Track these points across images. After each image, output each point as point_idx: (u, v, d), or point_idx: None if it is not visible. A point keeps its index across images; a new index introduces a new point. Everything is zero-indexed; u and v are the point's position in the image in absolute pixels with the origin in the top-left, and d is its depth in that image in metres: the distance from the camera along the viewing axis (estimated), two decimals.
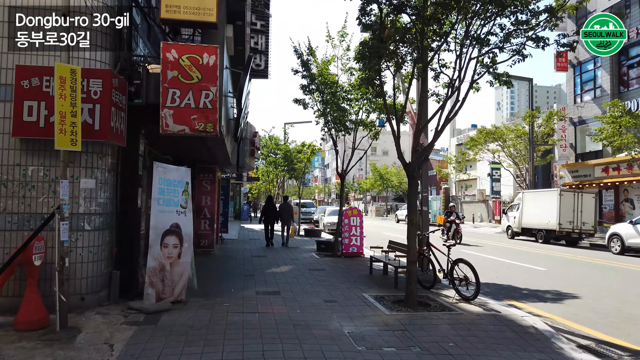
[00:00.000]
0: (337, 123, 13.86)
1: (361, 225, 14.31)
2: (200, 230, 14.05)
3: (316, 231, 22.02)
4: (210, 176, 14.14)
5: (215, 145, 9.63)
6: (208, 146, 9.70)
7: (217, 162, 13.51)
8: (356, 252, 14.12)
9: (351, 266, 12.00)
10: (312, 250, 15.73)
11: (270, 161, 29.60)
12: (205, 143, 9.15)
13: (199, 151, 10.66)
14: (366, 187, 62.09)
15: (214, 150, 10.35)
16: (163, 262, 6.62)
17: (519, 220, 24.13)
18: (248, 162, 14.91)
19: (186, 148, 10.17)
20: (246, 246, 16.81)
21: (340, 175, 14.44)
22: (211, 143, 9.17)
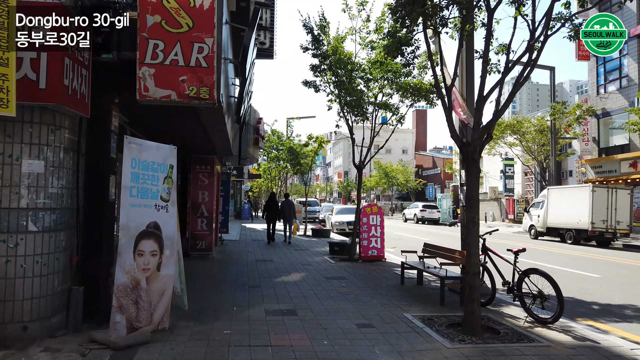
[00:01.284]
0: (353, 107, 11.99)
1: (382, 225, 12.44)
2: (196, 231, 12.18)
3: (324, 231, 20.14)
4: (208, 168, 12.26)
5: (212, 124, 7.75)
6: (204, 125, 7.82)
7: (215, 151, 11.64)
8: (376, 255, 12.24)
9: (374, 273, 10.12)
10: (324, 253, 13.86)
11: (273, 157, 27.78)
12: (199, 119, 7.27)
13: (193, 133, 8.79)
14: (370, 185, 60.13)
15: (212, 132, 8.47)
16: (137, 277, 4.74)
17: (543, 219, 22.25)
18: (251, 153, 13.03)
19: (177, 127, 8.29)
20: (249, 248, 14.93)
21: (358, 167, 12.56)
22: (208, 119, 7.29)
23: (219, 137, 9.19)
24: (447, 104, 6.45)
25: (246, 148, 12.41)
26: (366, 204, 12.59)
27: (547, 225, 22.00)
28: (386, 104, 11.96)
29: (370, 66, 11.91)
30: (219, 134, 8.76)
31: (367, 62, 12.03)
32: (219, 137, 9.19)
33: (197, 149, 11.63)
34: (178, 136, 9.44)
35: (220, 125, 7.85)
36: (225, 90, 7.16)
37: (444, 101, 6.50)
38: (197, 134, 8.97)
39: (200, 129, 8.33)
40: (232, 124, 10.20)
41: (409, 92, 11.70)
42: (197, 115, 7.08)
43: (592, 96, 28.11)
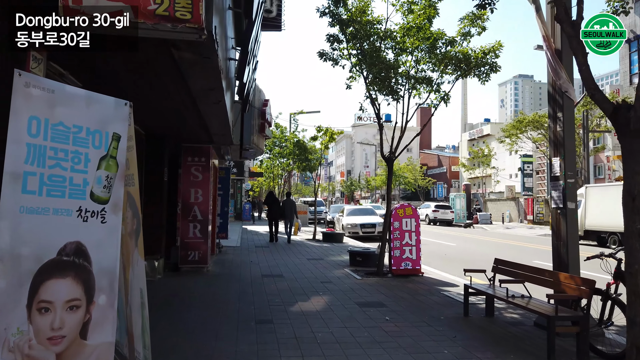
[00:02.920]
0: (382, 82, 9.61)
1: (417, 231, 10.05)
2: (187, 238, 9.79)
3: (336, 235, 17.75)
4: (203, 160, 9.88)
5: (204, 91, 5.37)
6: (192, 94, 5.43)
7: (211, 139, 9.27)
8: (411, 269, 9.86)
9: (419, 296, 7.73)
10: (343, 263, 11.48)
11: (277, 152, 25.40)
12: (184, 81, 4.88)
13: (180, 111, 6.40)
14: (376, 184, 57.73)
15: (205, 106, 6.09)
16: (37, 355, 2.34)
17: (580, 220, 19.84)
18: (256, 142, 10.62)
19: (156, 98, 5.89)
20: (252, 257, 12.55)
21: (388, 159, 10.17)
22: (197, 81, 4.91)
23: (215, 115, 6.81)
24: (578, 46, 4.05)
25: (249, 136, 10.03)
26: (398, 205, 10.20)
27: (585, 228, 19.64)
28: (426, 78, 9.55)
29: (404, 33, 9.54)
30: (215, 109, 6.38)
31: (401, 27, 9.66)
32: (215, 115, 6.81)
33: (188, 137, 9.25)
34: (160, 116, 7.06)
35: (216, 93, 5.47)
36: (222, 41, 4.77)
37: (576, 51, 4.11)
38: (185, 111, 6.58)
39: (189, 101, 5.94)
40: (232, 102, 7.81)
41: (455, 63, 9.32)
42: (181, 74, 4.71)
43: (625, 86, 25.80)
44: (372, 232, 20.18)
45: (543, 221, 34.35)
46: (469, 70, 9.42)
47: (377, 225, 20.25)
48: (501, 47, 9.09)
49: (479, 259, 13.52)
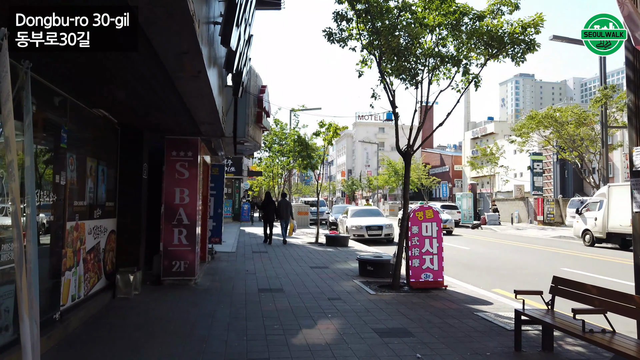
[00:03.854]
0: (399, 61, 8.22)
1: (440, 237, 8.64)
2: (172, 246, 8.39)
3: (341, 239, 16.34)
4: (190, 155, 8.48)
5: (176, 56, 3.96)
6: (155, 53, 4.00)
7: (199, 130, 7.86)
8: (433, 281, 8.46)
9: (450, 319, 6.33)
10: (352, 273, 10.09)
11: (276, 150, 24.00)
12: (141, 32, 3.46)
13: (151, 85, 4.98)
14: (378, 183, 56.27)
15: (179, 78, 4.66)
16: None
17: (602, 222, 18.48)
18: (252, 135, 9.14)
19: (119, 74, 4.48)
20: (248, 265, 11.15)
21: (405, 154, 8.77)
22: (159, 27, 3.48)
23: (197, 96, 5.40)
24: None
25: (244, 127, 8.62)
26: (417, 207, 8.78)
27: (608, 230, 18.24)
28: (453, 56, 8.12)
29: (426, 5, 8.14)
30: (196, 86, 4.97)
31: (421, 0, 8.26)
32: (197, 96, 5.40)
33: (171, 127, 7.84)
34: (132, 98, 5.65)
35: (193, 60, 4.07)
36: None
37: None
38: (160, 91, 5.17)
39: (160, 75, 4.53)
40: (221, 84, 6.41)
41: (485, 41, 7.92)
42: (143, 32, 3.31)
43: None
44: (378, 234, 18.79)
45: (554, 222, 32.96)
46: (501, 50, 8.02)
47: (384, 227, 18.86)
48: (542, 21, 7.68)
49: (503, 267, 12.13)
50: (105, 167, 6.98)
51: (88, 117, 6.22)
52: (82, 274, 6.04)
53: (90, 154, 6.33)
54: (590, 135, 24.59)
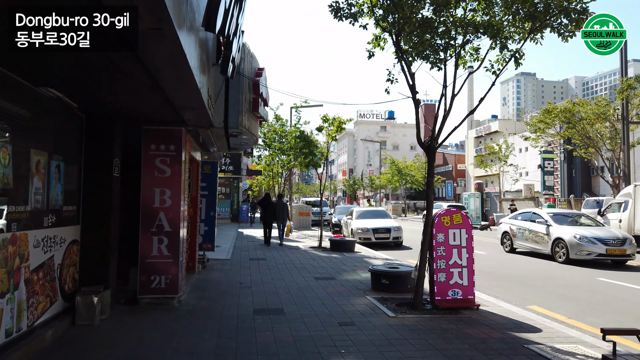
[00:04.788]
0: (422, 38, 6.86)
1: (470, 247, 7.27)
2: (149, 258, 7.01)
3: (347, 244, 14.96)
4: (171, 149, 7.10)
5: None
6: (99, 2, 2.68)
7: (181, 118, 6.48)
8: (462, 299, 7.09)
9: (494, 354, 4.95)
10: (363, 286, 8.72)
11: (277, 147, 22.67)
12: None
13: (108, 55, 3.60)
14: (381, 183, 54.85)
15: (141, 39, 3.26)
16: None
17: (628, 224, 17.14)
18: (247, 126, 7.69)
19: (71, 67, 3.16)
20: (244, 276, 9.78)
21: (428, 148, 7.39)
22: None
23: (170, 66, 4.02)
24: None
25: (237, 115, 7.23)
26: (442, 211, 7.42)
27: (635, 233, 16.88)
28: (492, 26, 6.70)
29: None
30: (166, 54, 3.61)
31: None
32: (170, 66, 4.02)
33: (149, 114, 6.47)
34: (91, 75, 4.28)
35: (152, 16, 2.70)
36: None
37: None
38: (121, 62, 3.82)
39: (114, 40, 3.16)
40: (202, 56, 5.06)
41: (527, 10, 6.53)
42: None
43: None
44: (386, 238, 17.41)
45: None
46: (545, 23, 6.64)
47: (392, 230, 17.48)
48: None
49: (529, 275, 10.73)
50: (63, 163, 5.61)
51: (32, 97, 4.85)
52: (23, 299, 4.67)
53: (37, 146, 4.96)
54: (608, 131, 23.17)
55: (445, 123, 7.34)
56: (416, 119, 7.52)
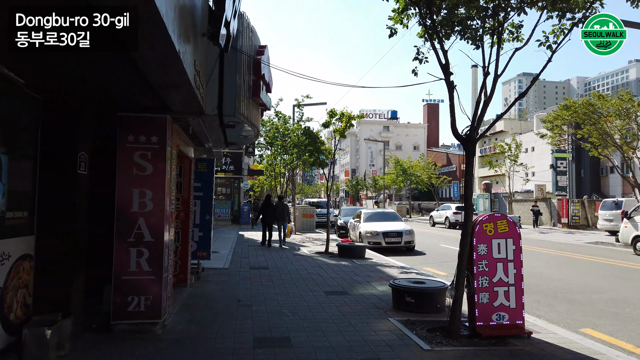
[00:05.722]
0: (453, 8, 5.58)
1: (517, 260, 5.96)
2: (126, 274, 5.71)
3: (357, 249, 13.67)
4: (154, 141, 5.80)
5: None
6: None
7: (164, 102, 5.20)
8: (509, 324, 5.79)
9: None
10: (383, 304, 7.41)
11: (279, 146, 21.41)
12: None
13: None
14: (385, 183, 53.48)
15: None
16: None
17: None
18: (246, 113, 6.31)
19: None
20: (243, 290, 8.49)
21: (467, 139, 6.09)
22: None
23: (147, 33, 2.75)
24: None
25: (234, 100, 5.92)
26: (484, 216, 6.08)
27: None
28: None
29: None
30: None
31: None
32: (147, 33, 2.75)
33: (122, 97, 5.18)
34: None
35: None
36: None
37: None
38: None
39: None
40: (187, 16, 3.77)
41: None
42: None
43: None
44: (398, 242, 16.11)
45: (579, 224, 30.25)
46: None
47: (403, 234, 16.18)
48: None
49: (567, 288, 9.31)
50: (5, 156, 4.32)
51: None
52: None
53: None
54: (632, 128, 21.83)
55: (486, 110, 6.05)
56: (450, 104, 6.22)
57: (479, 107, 5.98)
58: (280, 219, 16.55)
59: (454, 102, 6.20)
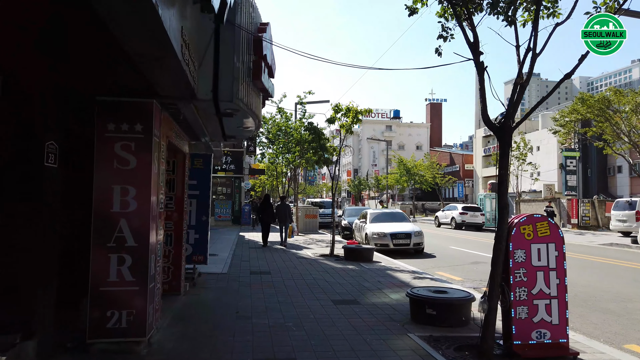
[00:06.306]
0: None
1: (560, 269, 5.13)
2: (105, 285, 4.88)
3: (364, 252, 12.82)
4: (138, 129, 4.98)
5: None
6: None
7: (148, 83, 4.39)
8: (551, 343, 4.96)
9: None
10: (398, 315, 6.58)
11: (281, 143, 20.63)
12: None
13: None
14: (388, 182, 52.61)
15: None
16: None
17: None
18: (245, 99, 5.46)
19: None
20: (243, 298, 7.67)
21: (502, 127, 5.28)
22: None
23: None
24: None
25: (231, 83, 5.09)
26: (522, 217, 5.24)
27: None
28: None
29: None
30: None
31: None
32: None
33: (99, 77, 4.37)
34: None
35: None
36: None
37: None
38: None
39: None
40: None
41: None
42: None
43: None
44: (406, 244, 15.26)
45: (589, 225, 29.37)
46: None
47: (412, 236, 15.34)
48: None
49: (596, 295, 8.46)
50: None
51: None
52: None
53: None
54: None
55: (523, 93, 5.23)
56: (481, 88, 5.39)
57: (514, 93, 5.15)
58: (282, 219, 16.46)
59: (484, 86, 5.37)
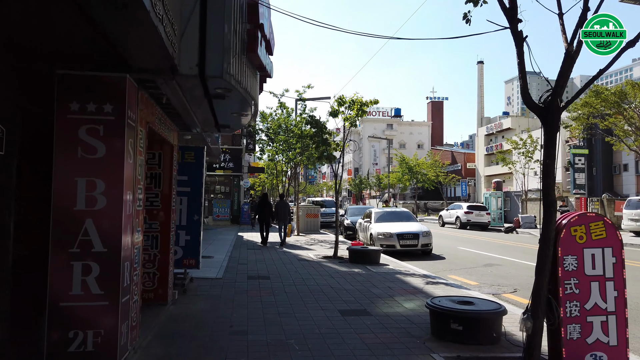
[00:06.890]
0: None
1: (619, 279, 4.26)
2: (67, 299, 3.99)
3: (371, 254, 11.92)
4: (107, 110, 4.11)
5: None
6: None
7: (123, 58, 3.52)
8: None
9: None
10: (416, 329, 5.70)
11: (282, 140, 19.79)
12: None
13: None
14: (390, 181, 51.68)
15: None
16: None
17: None
18: (237, 76, 4.62)
19: None
20: (239, 308, 6.79)
21: (549, 108, 4.40)
22: None
23: None
24: None
25: (220, 55, 4.20)
26: (572, 216, 4.34)
27: None
28: None
29: None
30: None
31: None
32: None
33: (65, 48, 3.48)
34: None
35: None
36: None
37: None
38: None
39: None
40: None
41: None
42: None
43: None
44: (414, 245, 14.39)
45: None
46: None
47: (420, 236, 14.47)
48: None
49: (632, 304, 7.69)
50: None
51: None
52: None
53: None
54: None
55: (572, 67, 4.35)
56: (519, 62, 4.51)
57: (565, 68, 4.27)
58: (281, 218, 16.23)
59: (523, 59, 4.49)
